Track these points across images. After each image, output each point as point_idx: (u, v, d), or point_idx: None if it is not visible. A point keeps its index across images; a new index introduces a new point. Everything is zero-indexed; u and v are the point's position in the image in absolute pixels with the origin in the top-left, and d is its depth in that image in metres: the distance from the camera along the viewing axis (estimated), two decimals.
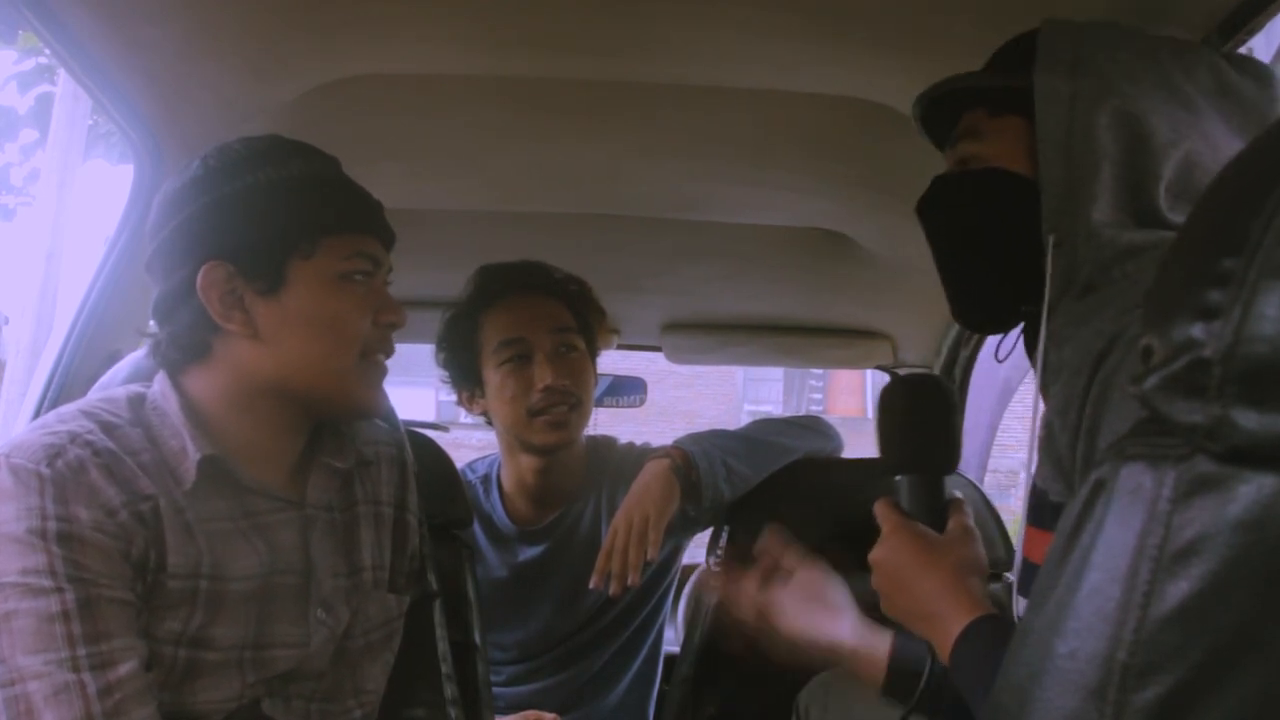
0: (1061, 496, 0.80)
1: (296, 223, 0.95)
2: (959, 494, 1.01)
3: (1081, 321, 0.81)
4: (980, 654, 0.83)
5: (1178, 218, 0.83)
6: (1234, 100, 0.84)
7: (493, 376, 1.54)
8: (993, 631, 0.85)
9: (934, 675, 0.96)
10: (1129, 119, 0.82)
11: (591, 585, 1.39)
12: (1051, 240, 0.84)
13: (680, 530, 1.60)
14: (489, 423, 1.61)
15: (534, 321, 1.54)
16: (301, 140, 1.01)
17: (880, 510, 0.98)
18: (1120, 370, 0.73)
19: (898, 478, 1.00)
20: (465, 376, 1.59)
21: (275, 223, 0.95)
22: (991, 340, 1.03)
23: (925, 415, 1.01)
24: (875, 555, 0.96)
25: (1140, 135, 0.82)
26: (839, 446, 1.71)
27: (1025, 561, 0.87)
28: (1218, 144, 0.83)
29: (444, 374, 1.63)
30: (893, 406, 1.02)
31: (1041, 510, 0.85)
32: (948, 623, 0.87)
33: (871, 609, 0.96)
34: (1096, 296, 0.82)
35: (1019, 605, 0.87)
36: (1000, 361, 1.01)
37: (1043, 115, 0.85)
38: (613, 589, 1.37)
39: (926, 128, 1.00)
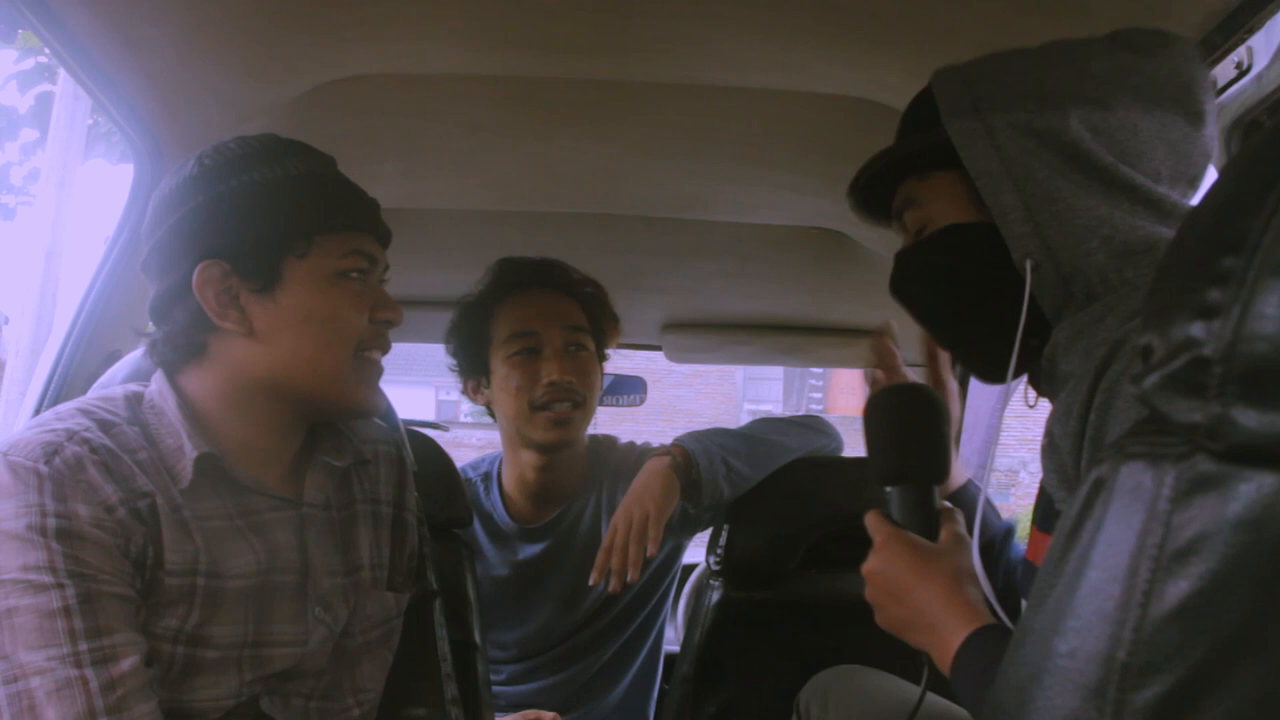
0: (1065, 504, 0.79)
1: (291, 221, 0.95)
2: (948, 503, 0.99)
3: (1085, 330, 0.81)
4: (983, 664, 0.83)
5: (1162, 189, 0.83)
6: (1138, 76, 0.84)
7: (500, 367, 1.55)
8: (994, 641, 0.84)
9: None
10: (1050, 131, 0.83)
11: (591, 582, 1.39)
12: (1029, 265, 0.84)
13: (680, 529, 1.60)
14: (491, 415, 1.61)
15: (547, 317, 1.54)
16: (301, 140, 1.01)
17: (871, 522, 0.96)
18: (1125, 377, 0.73)
19: (887, 489, 0.98)
20: (473, 366, 1.60)
21: (270, 221, 0.95)
22: None
23: (912, 426, 0.99)
24: (868, 567, 0.94)
25: (1069, 141, 0.83)
26: (839, 445, 1.71)
27: (1028, 564, 0.87)
28: (1138, 123, 0.83)
29: (452, 362, 1.64)
30: (879, 417, 1.00)
31: (1048, 515, 0.84)
32: (947, 633, 0.86)
33: (869, 613, 0.95)
34: (1100, 304, 0.82)
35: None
36: (1031, 407, 1.00)
37: (969, 155, 0.85)
38: (612, 585, 1.37)
39: (867, 213, 1.02)
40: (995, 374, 0.96)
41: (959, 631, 0.85)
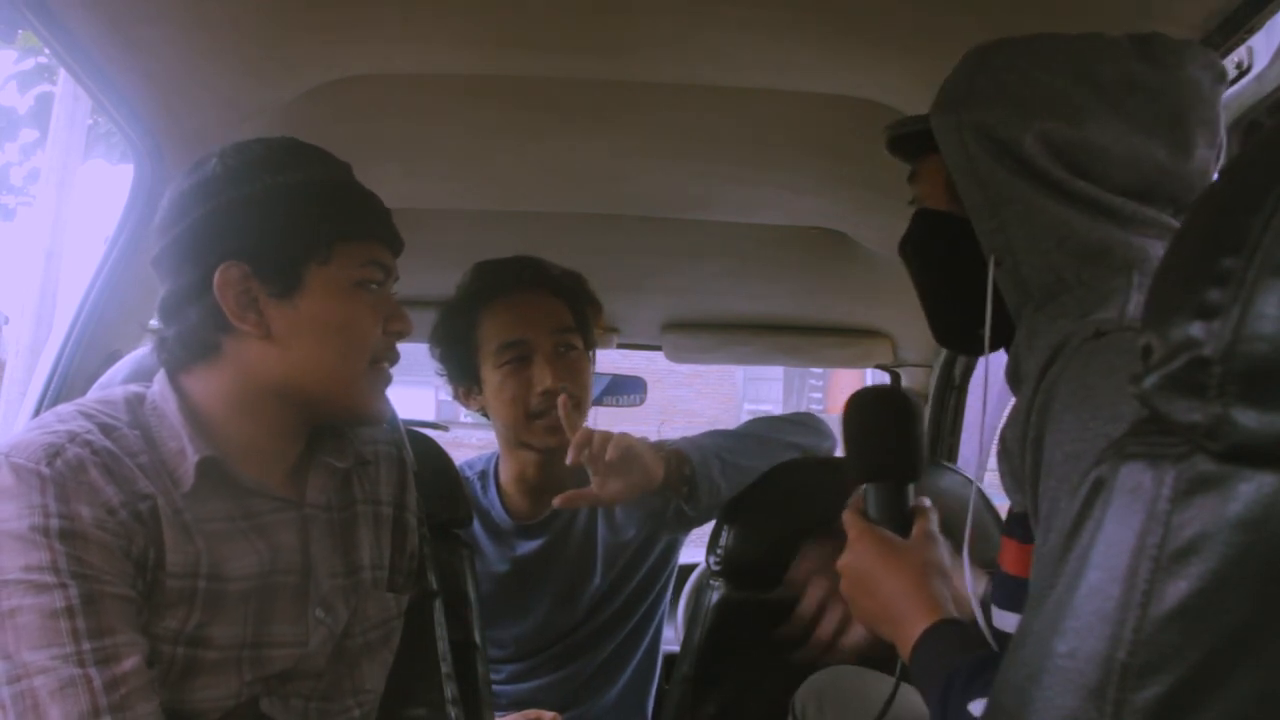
0: (1021, 506, 0.80)
1: (316, 228, 0.95)
2: (928, 501, 1.02)
3: (1041, 332, 0.83)
4: (938, 656, 0.85)
5: (1121, 199, 0.83)
6: (1140, 92, 0.84)
7: (492, 376, 1.54)
8: (953, 635, 0.86)
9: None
10: (1008, 140, 0.83)
11: (569, 461, 1.35)
12: (992, 260, 0.86)
13: (675, 524, 1.59)
14: (486, 416, 1.61)
15: (534, 322, 1.53)
16: (301, 141, 1.01)
17: (847, 518, 1.00)
18: (1060, 380, 0.74)
19: (863, 486, 1.03)
20: (462, 374, 1.59)
21: (294, 227, 0.95)
22: None
23: (885, 426, 1.04)
24: (842, 562, 0.98)
25: (1022, 154, 0.83)
26: (833, 445, 1.71)
27: (996, 568, 0.88)
28: (1110, 146, 0.83)
29: (440, 369, 1.63)
30: (856, 417, 1.05)
31: (1009, 519, 0.86)
32: (908, 626, 0.88)
33: None
34: (1056, 304, 0.83)
35: (1004, 618, 0.86)
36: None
37: (944, 149, 0.87)
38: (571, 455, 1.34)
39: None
40: (961, 349, 1.01)
41: (920, 624, 0.88)
